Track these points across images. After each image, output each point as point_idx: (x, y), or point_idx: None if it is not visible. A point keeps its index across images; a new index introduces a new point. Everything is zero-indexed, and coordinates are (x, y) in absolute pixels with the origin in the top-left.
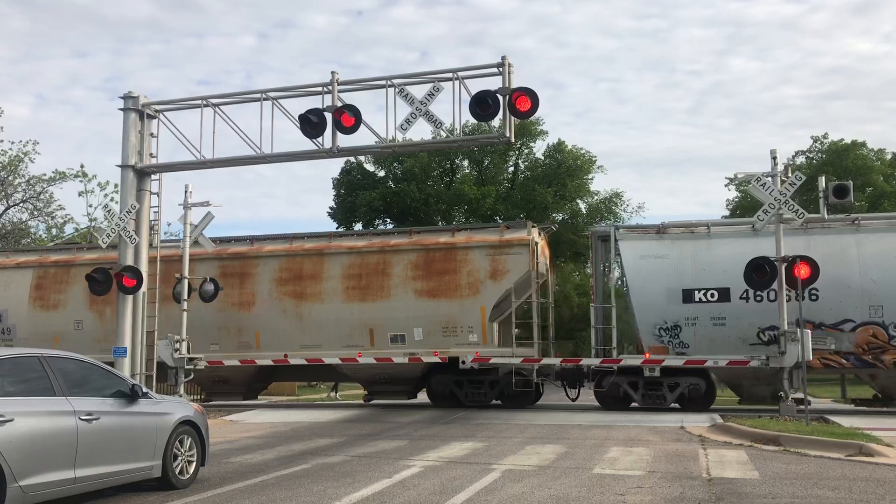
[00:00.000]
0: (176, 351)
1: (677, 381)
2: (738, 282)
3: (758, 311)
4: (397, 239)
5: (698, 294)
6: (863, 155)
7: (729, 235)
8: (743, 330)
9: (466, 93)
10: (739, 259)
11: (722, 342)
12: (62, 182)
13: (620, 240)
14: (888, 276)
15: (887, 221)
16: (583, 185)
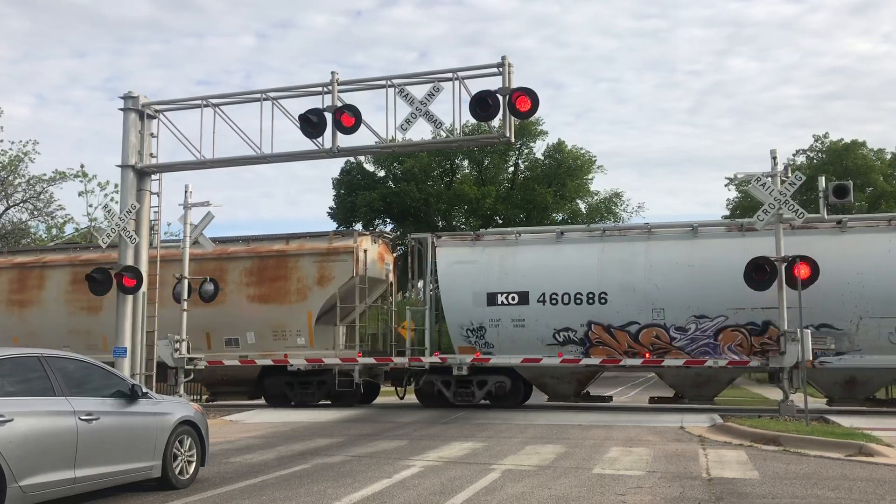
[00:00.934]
0: (176, 351)
1: (485, 378)
2: (536, 286)
3: (554, 313)
4: (235, 247)
5: (501, 297)
6: (863, 155)
7: (533, 242)
8: (540, 331)
9: (466, 93)
10: (540, 265)
11: (522, 342)
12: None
13: (438, 246)
14: (670, 281)
15: (676, 230)
16: (583, 185)
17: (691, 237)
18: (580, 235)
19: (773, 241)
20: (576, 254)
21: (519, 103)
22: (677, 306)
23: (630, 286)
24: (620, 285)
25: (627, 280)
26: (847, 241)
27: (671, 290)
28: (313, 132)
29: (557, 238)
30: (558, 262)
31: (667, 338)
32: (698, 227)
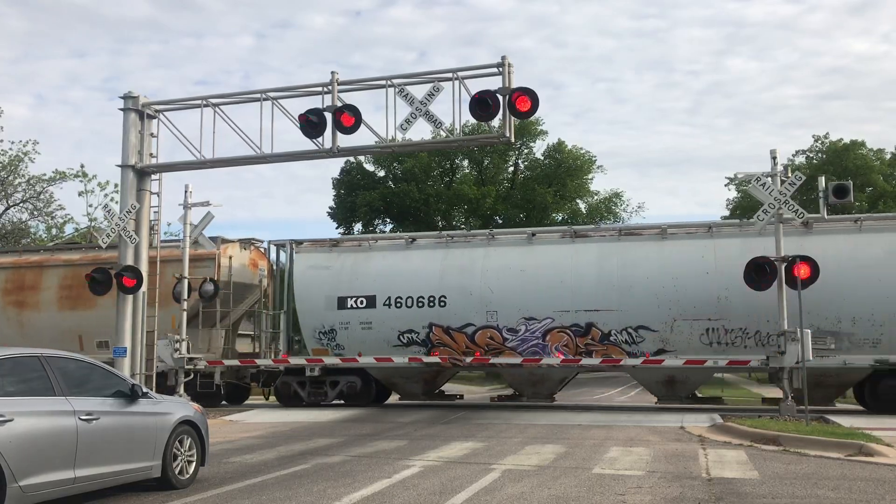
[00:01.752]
0: (176, 351)
1: (337, 379)
2: (383, 290)
3: (399, 316)
4: (108, 253)
5: (351, 301)
6: (862, 155)
7: (385, 248)
8: (386, 333)
9: (466, 93)
10: (388, 270)
11: (370, 344)
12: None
13: (297, 252)
14: (503, 285)
15: (515, 237)
16: (583, 185)
17: (527, 243)
18: (428, 242)
19: (605, 247)
20: (422, 260)
21: (519, 103)
22: (509, 309)
23: (467, 290)
24: (459, 289)
25: (465, 284)
26: (667, 248)
27: (504, 293)
28: (313, 132)
29: (407, 244)
30: (406, 267)
31: (500, 338)
32: (534, 234)
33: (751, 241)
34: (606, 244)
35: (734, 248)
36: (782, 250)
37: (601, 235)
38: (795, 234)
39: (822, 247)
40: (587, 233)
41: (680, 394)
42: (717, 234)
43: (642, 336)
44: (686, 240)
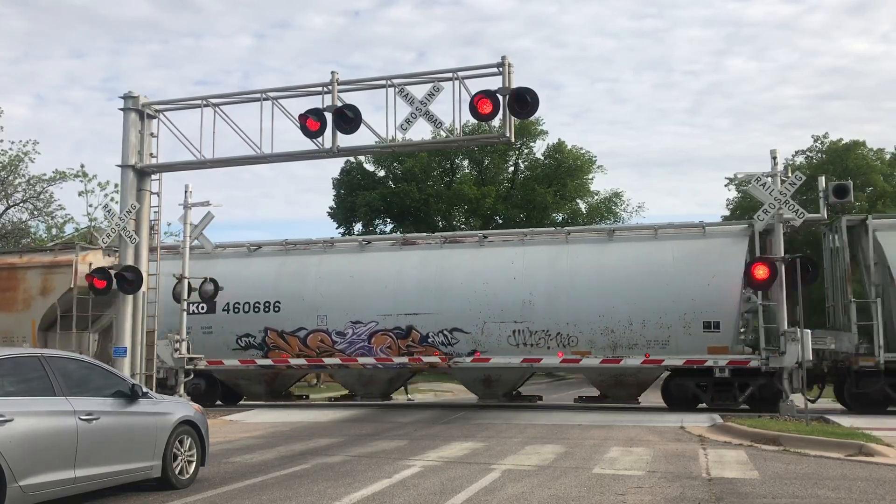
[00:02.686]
0: (176, 351)
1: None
2: (224, 296)
3: (237, 320)
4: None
5: (193, 306)
6: (862, 155)
7: (229, 256)
8: (226, 337)
9: (466, 93)
10: (230, 276)
11: (211, 347)
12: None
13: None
14: (332, 291)
15: (350, 245)
16: (583, 185)
17: (359, 251)
18: (270, 249)
19: (428, 254)
20: (259, 266)
21: (519, 103)
22: (338, 313)
23: (300, 295)
24: (292, 294)
25: (298, 290)
26: (482, 255)
27: (334, 298)
28: (313, 132)
29: (249, 252)
30: (245, 273)
31: (330, 341)
32: (368, 242)
33: (557, 249)
34: (430, 251)
35: (541, 255)
36: (782, 250)
37: (427, 243)
38: (599, 241)
39: (620, 254)
40: (415, 241)
41: (497, 392)
42: (528, 242)
43: (457, 338)
44: (500, 247)
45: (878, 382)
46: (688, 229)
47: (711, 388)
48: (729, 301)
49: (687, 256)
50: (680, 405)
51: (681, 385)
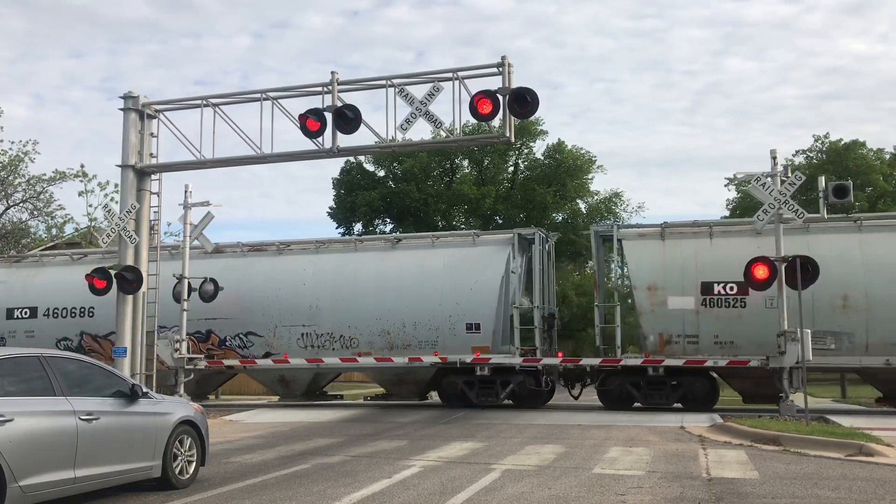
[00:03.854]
0: (176, 351)
1: None
2: (45, 302)
3: (57, 325)
4: None
5: (17, 312)
6: (862, 155)
7: (56, 264)
8: (46, 340)
9: (466, 93)
10: (52, 284)
11: None
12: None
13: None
14: None
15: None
16: (583, 185)
17: (170, 259)
18: (95, 257)
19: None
20: (80, 274)
21: (518, 103)
22: None
23: (111, 301)
24: (103, 300)
25: (110, 296)
26: (280, 262)
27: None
28: (313, 132)
29: (73, 260)
30: (68, 280)
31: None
32: (224, 248)
33: (347, 257)
34: (235, 259)
35: (332, 262)
36: (783, 250)
37: (233, 251)
38: (384, 249)
39: (400, 261)
40: (224, 249)
41: (295, 391)
42: (321, 251)
43: (252, 341)
44: (296, 255)
45: (618, 381)
46: (462, 238)
47: (477, 385)
48: (488, 304)
49: (456, 263)
50: (452, 401)
51: (451, 382)
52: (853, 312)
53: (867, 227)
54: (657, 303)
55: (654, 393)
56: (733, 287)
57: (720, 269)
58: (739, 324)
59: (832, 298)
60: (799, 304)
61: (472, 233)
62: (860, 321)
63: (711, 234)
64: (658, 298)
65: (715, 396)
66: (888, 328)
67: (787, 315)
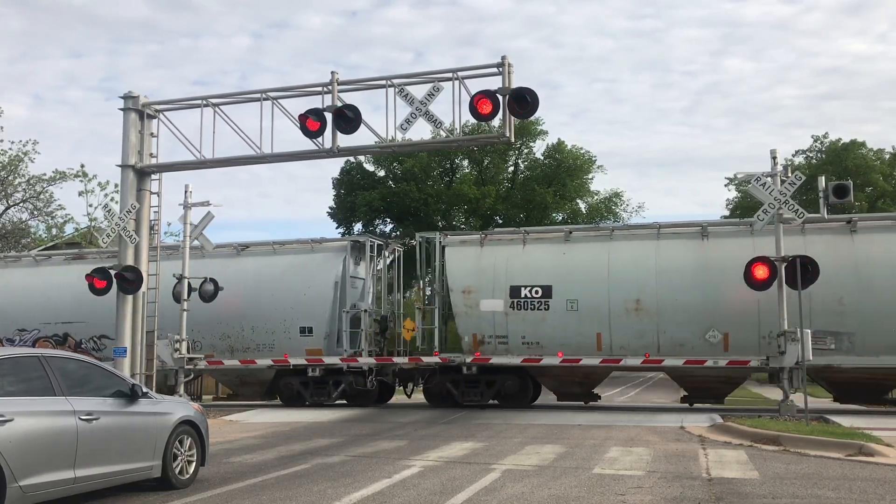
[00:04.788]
0: (176, 351)
1: None
2: None
3: None
4: None
5: None
6: (862, 155)
7: None
8: None
9: (466, 93)
10: None
11: None
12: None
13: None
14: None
15: (27, 259)
16: (583, 185)
17: (34, 265)
18: None
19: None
20: None
21: (519, 103)
22: (5, 322)
23: None
24: None
25: None
26: None
27: (4, 309)
28: (313, 132)
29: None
30: None
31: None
32: (49, 257)
33: (201, 263)
34: (94, 265)
35: (179, 269)
36: (783, 250)
37: (94, 257)
38: (230, 255)
39: (244, 266)
40: (85, 255)
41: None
42: (174, 257)
43: (105, 343)
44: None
45: (435, 379)
46: (302, 245)
47: (312, 386)
48: (321, 308)
49: (294, 269)
50: (290, 401)
51: (288, 384)
52: (645, 314)
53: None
54: (471, 305)
55: (470, 390)
56: (538, 291)
57: (528, 274)
58: (543, 325)
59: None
60: (799, 305)
61: (310, 240)
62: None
63: (525, 241)
64: (472, 301)
65: (527, 393)
66: None
67: (787, 315)
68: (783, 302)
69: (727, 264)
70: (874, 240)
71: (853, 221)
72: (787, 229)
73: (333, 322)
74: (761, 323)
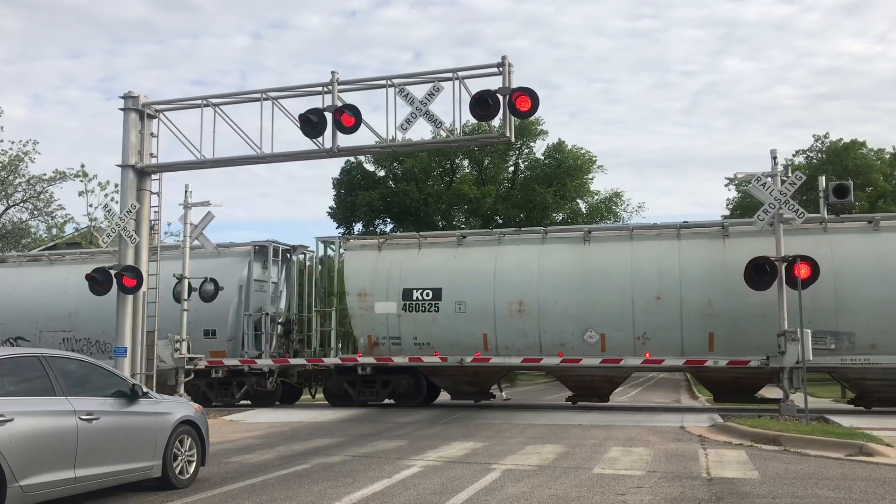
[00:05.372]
0: (176, 351)
1: None
2: None
3: None
4: None
5: None
6: (862, 155)
7: None
8: None
9: (466, 93)
10: None
11: None
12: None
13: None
14: None
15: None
16: (583, 185)
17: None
18: None
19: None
20: None
21: (519, 103)
22: None
23: None
24: None
25: None
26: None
27: None
28: (313, 132)
29: None
30: None
31: None
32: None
33: None
34: (13, 269)
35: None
36: (783, 250)
37: (15, 262)
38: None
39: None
40: (6, 259)
41: None
42: (88, 261)
43: (20, 344)
44: (65, 265)
45: (333, 380)
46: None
47: (217, 387)
48: (223, 312)
49: (201, 273)
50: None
51: (193, 384)
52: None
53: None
54: (366, 308)
55: (366, 390)
56: (429, 293)
57: (421, 277)
58: (434, 326)
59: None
60: (799, 304)
61: (217, 245)
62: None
63: (420, 245)
64: (367, 304)
65: (421, 392)
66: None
67: (787, 315)
68: (783, 302)
69: (606, 268)
70: (739, 243)
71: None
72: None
73: (238, 325)
74: (636, 324)
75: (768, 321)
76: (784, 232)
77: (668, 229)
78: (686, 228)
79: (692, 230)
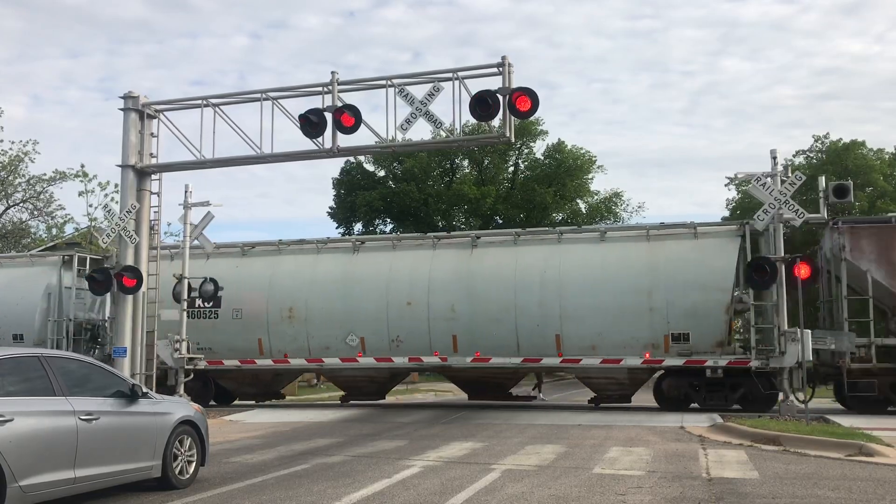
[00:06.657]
0: (176, 351)
1: None
2: None
3: None
4: None
5: None
6: (862, 155)
7: None
8: None
9: (466, 93)
10: None
11: None
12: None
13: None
14: None
15: None
16: (583, 185)
17: None
18: None
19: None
20: None
21: (519, 103)
22: None
23: None
24: None
25: None
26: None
27: None
28: (313, 132)
29: None
30: None
31: None
32: None
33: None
34: None
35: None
36: (782, 250)
37: None
38: None
39: None
40: None
41: None
42: (8, 265)
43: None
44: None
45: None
46: (23, 259)
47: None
48: (29, 317)
49: (13, 281)
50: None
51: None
52: (297, 321)
53: None
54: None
55: None
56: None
57: None
58: (214, 332)
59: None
60: (800, 304)
61: (29, 254)
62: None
63: (208, 255)
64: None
65: (209, 393)
66: None
67: (786, 315)
68: (783, 301)
69: (366, 276)
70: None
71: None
72: None
73: (44, 330)
74: (390, 329)
75: (504, 325)
76: (521, 242)
77: (427, 240)
78: (446, 240)
79: (448, 240)
